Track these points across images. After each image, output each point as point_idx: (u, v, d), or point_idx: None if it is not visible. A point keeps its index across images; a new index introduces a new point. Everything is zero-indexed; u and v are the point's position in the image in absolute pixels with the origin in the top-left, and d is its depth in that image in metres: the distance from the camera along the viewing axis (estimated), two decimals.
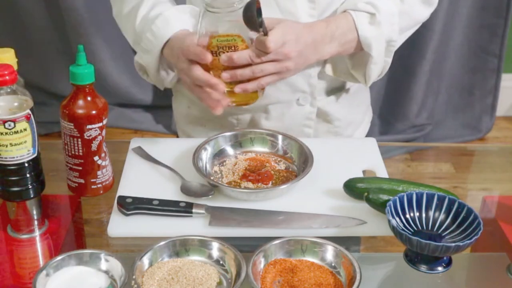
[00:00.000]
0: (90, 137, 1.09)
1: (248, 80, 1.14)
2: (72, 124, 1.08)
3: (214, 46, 1.11)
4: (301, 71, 1.24)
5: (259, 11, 1.09)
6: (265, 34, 1.12)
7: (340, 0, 1.28)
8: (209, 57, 1.11)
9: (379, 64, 1.25)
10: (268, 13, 1.23)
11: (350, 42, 1.22)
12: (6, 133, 0.98)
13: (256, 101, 1.19)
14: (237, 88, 1.14)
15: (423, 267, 1.00)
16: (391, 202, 1.02)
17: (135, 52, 1.32)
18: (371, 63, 1.24)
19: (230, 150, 1.25)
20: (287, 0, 1.23)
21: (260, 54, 1.12)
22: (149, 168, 1.21)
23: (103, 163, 1.13)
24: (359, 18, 1.21)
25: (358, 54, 1.26)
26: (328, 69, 1.31)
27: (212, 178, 1.17)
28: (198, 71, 1.14)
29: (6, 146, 0.99)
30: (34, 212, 1.08)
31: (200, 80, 1.14)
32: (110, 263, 0.95)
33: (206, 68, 1.14)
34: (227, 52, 1.11)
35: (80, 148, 1.09)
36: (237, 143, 1.25)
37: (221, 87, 1.13)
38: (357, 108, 1.44)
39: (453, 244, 0.94)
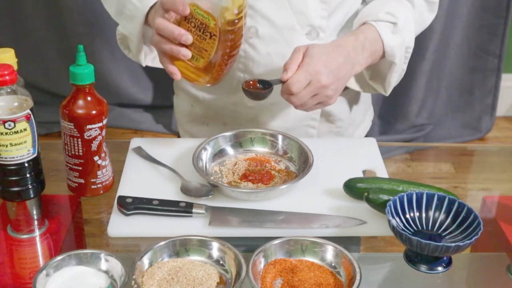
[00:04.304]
0: (90, 137, 1.09)
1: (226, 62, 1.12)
2: (72, 124, 1.08)
3: (189, 14, 1.10)
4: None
5: (260, 85, 1.17)
6: (282, 81, 1.15)
7: (351, 1, 1.29)
8: (186, 8, 1.08)
9: (399, 71, 1.28)
10: (280, 13, 1.24)
11: (377, 51, 1.23)
12: (6, 133, 0.98)
13: (213, 81, 1.15)
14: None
15: (423, 267, 1.00)
16: (391, 202, 1.02)
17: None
18: (393, 71, 1.26)
19: (230, 150, 1.25)
20: (299, 0, 1.24)
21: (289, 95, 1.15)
22: (149, 168, 1.21)
23: (103, 163, 1.13)
24: (382, 28, 1.23)
25: (377, 64, 1.28)
26: None
27: (212, 178, 1.17)
28: (165, 22, 1.10)
29: (6, 146, 0.99)
30: (34, 212, 1.08)
31: (165, 29, 1.09)
32: (110, 263, 0.95)
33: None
34: (198, 25, 1.09)
35: (80, 148, 1.09)
36: (237, 143, 1.25)
37: (189, 37, 1.09)
38: (358, 107, 1.44)
39: (453, 244, 0.94)
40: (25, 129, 1.00)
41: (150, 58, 1.31)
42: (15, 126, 0.98)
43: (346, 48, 1.19)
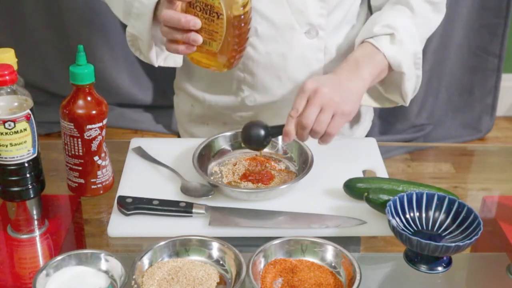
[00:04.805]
0: (90, 137, 1.09)
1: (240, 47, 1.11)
2: (72, 124, 1.08)
3: None
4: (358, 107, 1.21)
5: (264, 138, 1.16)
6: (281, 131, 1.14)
7: (350, 1, 1.29)
8: None
9: (412, 79, 1.27)
10: (279, 12, 1.24)
11: (380, 62, 1.22)
12: (6, 133, 0.98)
13: (224, 69, 1.14)
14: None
15: (423, 267, 1.00)
16: (391, 202, 1.02)
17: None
18: (405, 80, 1.25)
19: (230, 150, 1.25)
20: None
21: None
22: (149, 168, 1.21)
23: (103, 163, 1.13)
24: (379, 41, 1.22)
25: (388, 77, 1.27)
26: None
27: (212, 178, 1.17)
28: (171, 11, 1.08)
29: (6, 146, 0.99)
30: (34, 212, 1.08)
31: (171, 18, 1.07)
32: (110, 263, 0.95)
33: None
34: (203, 8, 1.07)
35: (80, 148, 1.09)
36: (237, 143, 1.25)
37: (197, 21, 1.07)
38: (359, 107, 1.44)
39: (453, 244, 0.94)
40: (25, 129, 1.00)
41: (162, 58, 1.30)
42: (15, 126, 0.98)
43: (338, 71, 1.18)
